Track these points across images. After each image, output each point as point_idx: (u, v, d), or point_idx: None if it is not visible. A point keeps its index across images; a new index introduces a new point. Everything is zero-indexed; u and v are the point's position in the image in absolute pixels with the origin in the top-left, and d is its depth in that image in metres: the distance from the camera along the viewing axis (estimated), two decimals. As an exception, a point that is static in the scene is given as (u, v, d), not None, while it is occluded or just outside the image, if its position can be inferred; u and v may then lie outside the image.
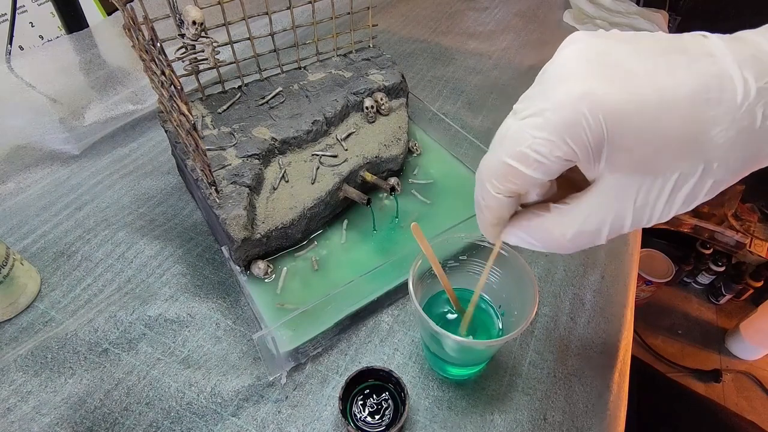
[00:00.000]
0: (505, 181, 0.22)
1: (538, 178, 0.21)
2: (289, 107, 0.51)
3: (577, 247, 0.24)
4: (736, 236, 1.30)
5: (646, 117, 0.19)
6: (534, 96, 0.21)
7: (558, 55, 0.21)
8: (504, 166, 0.22)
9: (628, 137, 0.19)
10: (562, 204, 0.23)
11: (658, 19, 0.93)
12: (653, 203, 0.21)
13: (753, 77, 0.18)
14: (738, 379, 1.27)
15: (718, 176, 0.20)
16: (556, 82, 0.20)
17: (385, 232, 0.48)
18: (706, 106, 0.18)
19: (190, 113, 0.33)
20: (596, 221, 0.22)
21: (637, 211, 0.21)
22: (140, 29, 0.33)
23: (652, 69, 0.19)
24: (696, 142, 0.19)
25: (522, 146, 0.21)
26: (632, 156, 0.20)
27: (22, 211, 0.52)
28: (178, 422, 0.37)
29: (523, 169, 0.21)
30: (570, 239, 0.23)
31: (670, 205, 0.21)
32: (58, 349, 0.39)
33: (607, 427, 0.39)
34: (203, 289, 0.45)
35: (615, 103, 0.19)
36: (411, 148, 0.55)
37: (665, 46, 0.20)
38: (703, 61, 0.19)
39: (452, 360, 0.38)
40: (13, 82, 0.72)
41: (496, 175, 0.22)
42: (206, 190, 0.41)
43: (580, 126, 0.19)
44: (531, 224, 0.25)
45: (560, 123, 0.20)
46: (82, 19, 0.84)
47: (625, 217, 0.21)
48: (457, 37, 0.89)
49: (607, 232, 0.22)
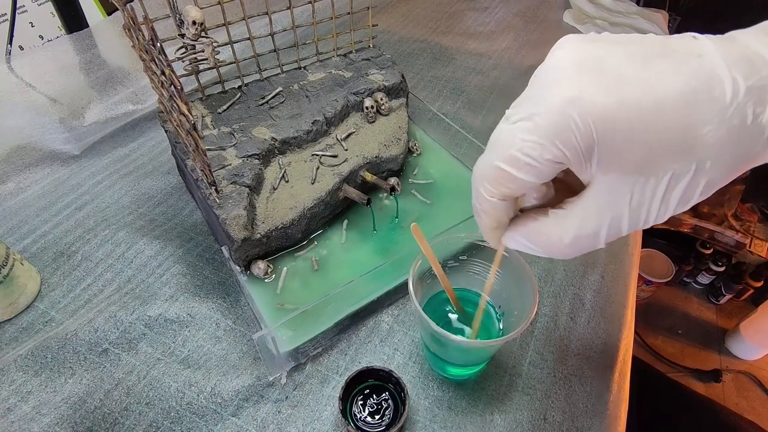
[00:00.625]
0: (498, 185, 0.22)
1: (530, 181, 0.22)
2: (289, 107, 0.51)
3: (576, 252, 0.24)
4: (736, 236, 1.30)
5: (635, 119, 0.19)
6: (525, 100, 0.21)
7: (548, 59, 0.21)
8: (496, 170, 0.22)
9: (619, 140, 0.19)
10: (558, 209, 0.23)
11: (658, 19, 0.93)
12: (648, 204, 0.21)
13: (742, 76, 0.18)
14: (738, 379, 1.27)
15: (711, 175, 0.20)
16: (546, 87, 0.20)
17: (385, 232, 0.48)
18: (695, 106, 0.19)
19: (190, 113, 0.33)
20: (593, 224, 0.22)
21: (633, 212, 0.21)
22: (140, 29, 0.33)
23: (641, 72, 0.19)
24: (687, 142, 0.19)
25: (512, 149, 0.21)
26: (623, 158, 0.20)
27: (22, 211, 0.52)
28: (178, 422, 0.37)
29: (515, 173, 0.21)
30: (568, 244, 0.23)
31: (666, 205, 0.21)
32: (58, 349, 0.39)
33: (607, 427, 0.39)
34: (203, 289, 0.45)
35: (604, 107, 0.19)
36: (411, 148, 0.55)
37: (654, 49, 0.20)
38: (692, 63, 0.19)
39: (452, 360, 0.38)
40: (13, 82, 0.72)
41: (489, 179, 0.23)
42: (206, 190, 0.41)
43: (570, 130, 0.19)
44: (529, 229, 0.25)
45: (550, 127, 0.20)
46: (82, 19, 0.84)
47: (621, 218, 0.21)
48: (457, 37, 0.89)
49: (605, 235, 0.22)
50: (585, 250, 0.23)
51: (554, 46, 0.21)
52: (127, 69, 0.74)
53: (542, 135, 0.20)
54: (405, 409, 0.34)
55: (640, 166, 0.20)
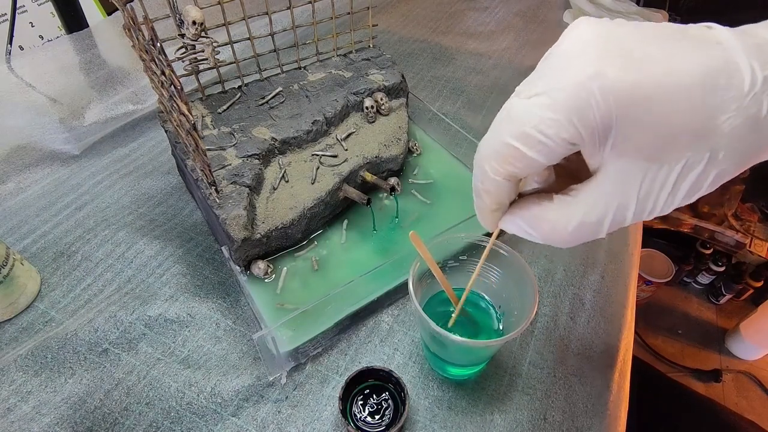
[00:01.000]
0: (506, 164, 0.22)
1: (539, 161, 0.21)
2: (289, 107, 0.51)
3: (576, 240, 0.23)
4: (736, 236, 1.30)
5: (655, 101, 0.18)
6: (540, 76, 0.21)
7: (565, 38, 0.21)
8: (506, 147, 0.21)
9: (637, 122, 0.19)
10: (564, 194, 0.23)
11: (658, 19, 0.93)
12: (657, 193, 0.20)
13: (759, 66, 0.18)
14: (738, 379, 1.27)
15: (722, 166, 0.20)
16: (564, 63, 0.20)
17: (385, 232, 0.48)
18: (714, 92, 0.18)
19: (190, 113, 0.33)
20: (600, 211, 0.21)
21: (640, 201, 0.21)
22: (140, 29, 0.33)
23: (660, 54, 0.19)
24: (704, 128, 0.19)
25: (526, 126, 0.20)
26: (640, 141, 0.19)
27: (22, 211, 0.52)
28: (178, 422, 0.37)
29: (526, 151, 0.21)
30: (571, 231, 0.22)
31: (674, 195, 0.20)
32: (58, 349, 0.39)
33: (607, 427, 0.39)
34: (203, 289, 0.45)
35: (625, 86, 0.18)
36: (411, 148, 0.55)
37: (671, 33, 0.19)
38: (711, 49, 0.18)
39: (452, 360, 0.38)
40: (13, 82, 0.72)
41: (497, 156, 0.22)
42: (206, 190, 0.41)
43: (589, 107, 0.19)
44: (531, 213, 0.24)
45: (569, 103, 0.19)
46: (82, 19, 0.84)
47: (627, 207, 0.21)
48: (457, 37, 0.89)
49: (608, 224, 0.22)
50: (585, 238, 0.23)
51: (568, 27, 0.21)
52: (127, 69, 0.74)
53: (559, 111, 0.19)
54: (405, 409, 0.34)
55: (655, 151, 0.19)
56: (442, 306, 0.39)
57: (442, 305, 0.39)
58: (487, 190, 0.23)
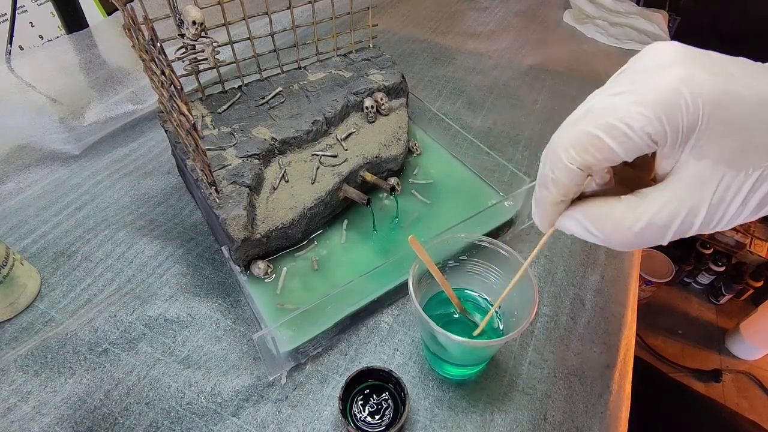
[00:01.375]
0: (584, 152, 0.22)
1: (618, 153, 0.21)
2: (289, 107, 0.51)
3: (639, 242, 0.23)
4: (736, 236, 1.30)
5: (742, 110, 0.19)
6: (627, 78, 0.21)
7: (647, 52, 0.21)
8: (587, 136, 0.21)
9: (722, 127, 0.20)
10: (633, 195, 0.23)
11: (658, 19, 0.93)
12: (730, 200, 0.21)
13: None
14: (738, 379, 1.27)
15: None
16: (652, 68, 0.21)
17: (385, 232, 0.48)
18: None
19: (190, 113, 0.33)
20: (669, 213, 0.22)
21: (712, 206, 0.21)
22: (140, 29, 0.33)
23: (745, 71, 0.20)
24: None
25: (611, 117, 0.21)
26: (722, 145, 0.20)
27: (22, 211, 0.52)
28: (178, 422, 0.37)
29: (609, 141, 0.21)
30: (637, 231, 0.22)
31: (744, 205, 0.21)
32: (58, 349, 0.39)
33: (607, 427, 0.39)
34: (203, 289, 0.45)
35: (714, 91, 0.19)
36: (411, 148, 0.55)
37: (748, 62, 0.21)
38: None
39: (452, 360, 0.38)
40: (13, 82, 0.72)
41: (576, 144, 0.22)
42: (206, 190, 0.41)
43: (678, 107, 0.19)
44: (596, 211, 0.24)
45: (658, 101, 0.20)
46: (82, 19, 0.84)
47: (698, 212, 0.21)
48: (457, 37, 0.89)
49: (676, 228, 0.22)
50: (648, 242, 0.23)
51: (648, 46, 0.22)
52: (127, 69, 0.75)
53: (648, 107, 0.20)
54: (405, 409, 0.34)
55: (736, 157, 0.20)
56: (442, 306, 0.39)
57: (442, 305, 0.39)
58: (556, 180, 0.23)
